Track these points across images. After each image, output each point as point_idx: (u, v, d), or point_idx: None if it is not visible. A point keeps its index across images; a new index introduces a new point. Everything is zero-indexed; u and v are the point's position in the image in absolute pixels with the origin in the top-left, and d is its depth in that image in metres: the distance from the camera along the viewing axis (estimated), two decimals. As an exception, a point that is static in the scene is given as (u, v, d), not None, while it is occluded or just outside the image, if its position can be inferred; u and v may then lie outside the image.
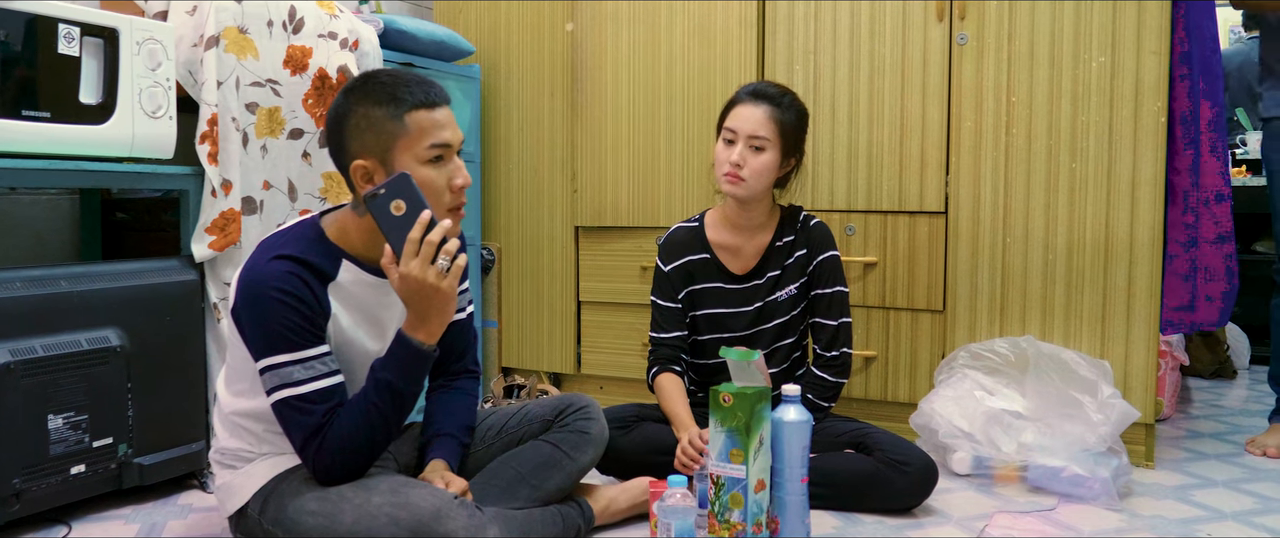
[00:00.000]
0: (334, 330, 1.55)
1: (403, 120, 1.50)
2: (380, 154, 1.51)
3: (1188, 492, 2.13)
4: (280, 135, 2.22)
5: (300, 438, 1.49)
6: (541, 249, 2.96)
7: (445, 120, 1.54)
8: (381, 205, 1.45)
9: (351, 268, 1.57)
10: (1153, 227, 2.24)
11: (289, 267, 1.49)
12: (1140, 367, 2.27)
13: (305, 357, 1.49)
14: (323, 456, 1.49)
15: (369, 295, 1.59)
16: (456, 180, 1.55)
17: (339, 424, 1.49)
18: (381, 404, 1.50)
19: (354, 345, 1.59)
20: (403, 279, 1.46)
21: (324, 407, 1.49)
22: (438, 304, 1.49)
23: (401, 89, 1.51)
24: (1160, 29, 2.20)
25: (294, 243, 1.53)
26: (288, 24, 2.23)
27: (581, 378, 2.95)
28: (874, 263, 2.51)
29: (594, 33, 2.82)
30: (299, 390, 1.47)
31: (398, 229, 1.46)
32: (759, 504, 1.71)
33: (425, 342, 1.51)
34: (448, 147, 1.54)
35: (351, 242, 1.58)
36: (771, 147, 2.07)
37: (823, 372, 2.15)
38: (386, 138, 1.50)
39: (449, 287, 1.48)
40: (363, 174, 1.52)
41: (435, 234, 1.45)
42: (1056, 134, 2.31)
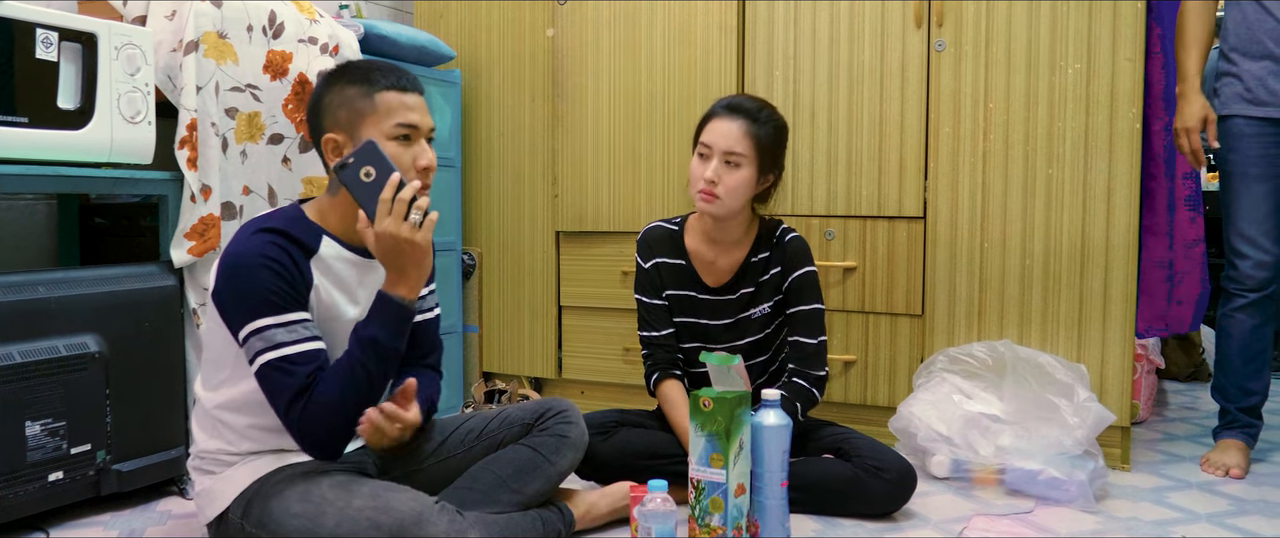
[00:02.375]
0: (315, 302, 1.57)
1: (373, 98, 1.57)
2: (349, 129, 1.58)
3: (1163, 494, 2.16)
4: (260, 140, 2.21)
5: (285, 400, 1.49)
6: (522, 254, 2.96)
7: (414, 104, 1.61)
8: (352, 174, 1.50)
9: (332, 243, 1.60)
10: (1128, 231, 2.26)
11: (272, 238, 1.52)
12: (1116, 370, 2.30)
13: (288, 320, 1.50)
14: (308, 417, 1.49)
15: (348, 272, 1.62)
16: (421, 160, 1.60)
17: (324, 385, 1.49)
18: (366, 361, 1.50)
19: (336, 320, 1.60)
20: (379, 238, 1.50)
21: (308, 368, 1.49)
22: (414, 258, 1.52)
23: (375, 72, 1.60)
24: (1135, 36, 2.23)
25: (274, 220, 1.57)
26: (267, 29, 2.22)
27: (562, 383, 2.95)
28: (853, 268, 2.52)
29: (575, 38, 2.83)
30: (283, 352, 1.48)
31: (369, 194, 1.50)
32: (739, 508, 1.72)
33: (406, 297, 1.53)
34: (414, 128, 1.60)
35: (330, 221, 1.62)
36: (747, 163, 2.00)
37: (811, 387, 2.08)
38: (356, 114, 1.57)
39: (424, 240, 1.51)
40: (333, 147, 1.59)
41: (406, 192, 1.49)
42: (1033, 140, 2.33)
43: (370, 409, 1.51)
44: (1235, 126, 2.30)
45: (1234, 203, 2.32)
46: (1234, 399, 2.40)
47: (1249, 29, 2.26)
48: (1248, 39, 2.27)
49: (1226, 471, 2.30)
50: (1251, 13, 2.26)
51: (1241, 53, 2.28)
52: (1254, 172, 2.28)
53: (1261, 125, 2.26)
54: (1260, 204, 2.28)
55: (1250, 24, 2.26)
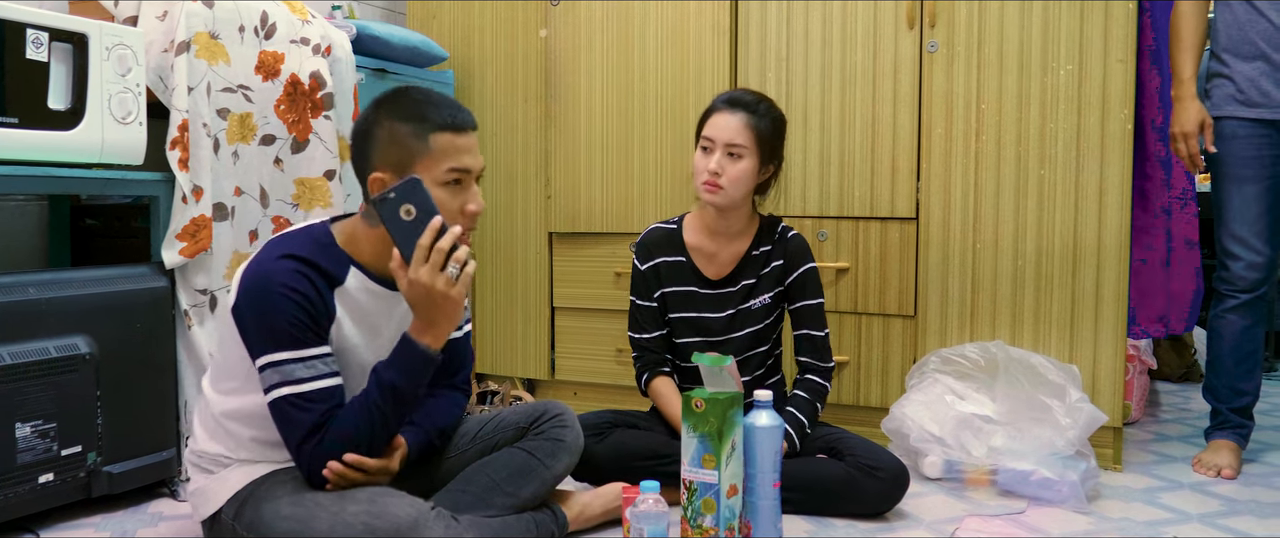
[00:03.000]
0: (336, 335, 1.55)
1: (427, 139, 1.50)
2: (399, 170, 1.51)
3: (1155, 494, 2.16)
4: (252, 141, 2.21)
5: (297, 437, 1.48)
6: (515, 255, 2.96)
7: (468, 146, 1.54)
8: (391, 209, 1.44)
9: (359, 275, 1.57)
10: (1120, 232, 2.27)
11: (297, 266, 1.49)
12: (1108, 371, 2.30)
13: (308, 355, 1.48)
14: (319, 455, 1.48)
15: (373, 305, 1.59)
16: (470, 206, 1.55)
17: (338, 424, 1.49)
18: (382, 405, 1.49)
19: (354, 352, 1.58)
20: (412, 285, 1.46)
21: (323, 406, 1.48)
22: (446, 311, 1.49)
23: (430, 109, 1.52)
24: (1126, 37, 2.24)
25: (303, 245, 1.53)
26: (259, 30, 2.22)
27: (556, 384, 2.95)
28: (846, 268, 2.53)
29: (567, 39, 2.83)
30: (300, 388, 1.47)
31: (407, 234, 1.44)
32: (731, 509, 1.72)
33: (431, 346, 1.51)
34: (467, 172, 1.54)
35: (360, 250, 1.58)
36: (749, 154, 2.07)
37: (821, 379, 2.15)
38: (407, 154, 1.50)
39: (459, 294, 1.47)
40: (379, 187, 1.52)
41: (446, 241, 1.45)
42: (1025, 141, 2.34)
43: (331, 461, 1.48)
44: (1227, 128, 2.30)
45: (1226, 204, 2.33)
46: (1225, 400, 2.40)
47: (1240, 30, 2.27)
48: (1239, 40, 2.27)
49: (1218, 471, 2.30)
50: (1242, 13, 2.26)
51: (1233, 54, 2.29)
52: (1246, 173, 2.28)
53: (1254, 127, 2.26)
54: (1252, 206, 2.28)
55: (1242, 25, 2.26)
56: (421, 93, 1.55)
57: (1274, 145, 2.26)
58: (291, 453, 1.51)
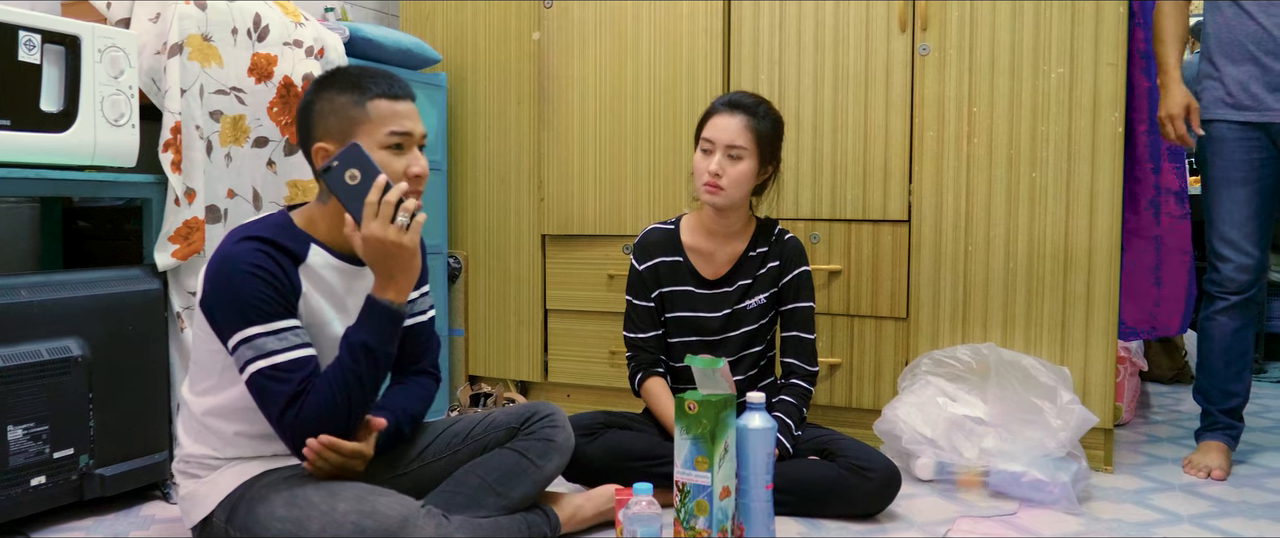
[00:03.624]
0: (304, 309, 1.57)
1: (365, 107, 1.56)
2: (340, 138, 1.56)
3: (1145, 496, 2.17)
4: (245, 144, 2.21)
5: (277, 408, 1.49)
6: (508, 257, 2.96)
7: (407, 112, 1.60)
8: (337, 177, 1.49)
9: (320, 251, 1.60)
10: (1110, 235, 2.28)
11: (258, 245, 1.52)
12: (1099, 373, 2.31)
13: (278, 328, 1.50)
14: (300, 424, 1.49)
15: (338, 280, 1.62)
16: (413, 169, 1.59)
17: (316, 392, 1.49)
18: (356, 367, 1.51)
19: (325, 327, 1.60)
20: (366, 241, 1.50)
21: (300, 375, 1.50)
22: (402, 261, 1.52)
23: (366, 79, 1.58)
24: (1117, 41, 2.25)
25: (262, 227, 1.56)
26: (252, 32, 2.22)
27: (548, 386, 2.95)
28: (839, 271, 2.53)
29: (561, 42, 2.83)
30: (273, 360, 1.48)
31: (355, 197, 1.50)
32: (724, 511, 1.73)
33: (395, 300, 1.54)
34: (407, 135, 1.59)
35: (319, 228, 1.61)
36: (749, 155, 2.10)
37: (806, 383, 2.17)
38: (347, 123, 1.56)
39: (411, 242, 1.51)
40: (323, 156, 1.57)
41: (392, 194, 1.49)
42: (1016, 144, 2.35)
43: (310, 439, 1.50)
44: (1217, 131, 2.32)
45: (1216, 207, 2.34)
46: (1215, 402, 2.41)
47: (1229, 32, 2.28)
48: (1228, 42, 2.28)
49: (1208, 472, 2.31)
50: (1231, 15, 2.28)
51: (1223, 56, 2.30)
52: (1236, 176, 2.30)
53: (1243, 130, 2.28)
54: (1241, 208, 2.30)
55: (1231, 27, 2.28)
56: (359, 67, 1.63)
57: (1263, 149, 2.28)
58: (273, 426, 1.52)
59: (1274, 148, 2.28)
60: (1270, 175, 2.30)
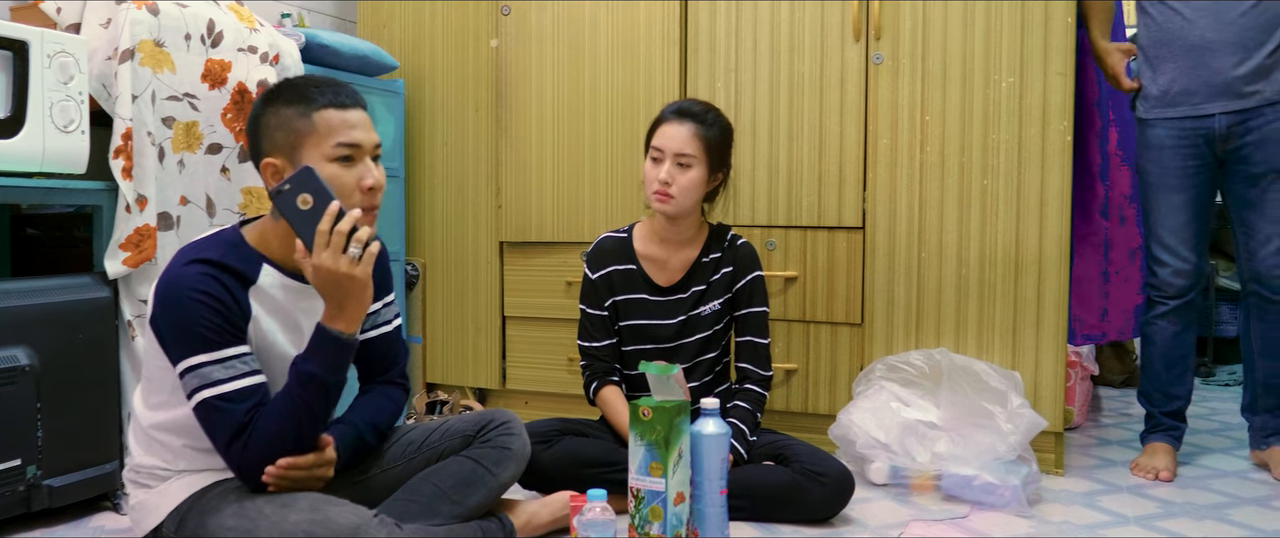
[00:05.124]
0: (254, 333, 1.55)
1: (311, 118, 1.53)
2: (289, 152, 1.53)
3: (1094, 498, 2.21)
4: (198, 150, 2.19)
5: (224, 438, 1.48)
6: (466, 264, 2.95)
7: (357, 121, 1.56)
8: (288, 200, 1.46)
9: (272, 271, 1.57)
10: (1060, 242, 2.32)
11: (207, 269, 1.49)
12: (1049, 377, 2.35)
13: (225, 356, 1.48)
14: (248, 454, 1.48)
15: (289, 299, 1.59)
16: (366, 181, 1.56)
17: (263, 421, 1.48)
18: (305, 397, 1.49)
19: (274, 348, 1.58)
20: (316, 270, 1.47)
21: (246, 405, 1.48)
22: (353, 292, 1.49)
23: (313, 90, 1.55)
24: (1065, 51, 2.29)
25: (213, 248, 1.53)
26: (206, 37, 2.20)
27: (507, 393, 2.95)
28: (794, 277, 2.56)
29: (518, 49, 2.83)
30: (220, 390, 1.46)
31: (306, 222, 1.46)
32: (679, 517, 1.74)
33: (345, 331, 1.51)
34: (357, 146, 1.56)
35: (271, 247, 1.58)
36: (698, 163, 2.11)
37: (760, 388, 2.19)
38: (295, 136, 1.53)
39: (363, 274, 1.48)
40: (273, 172, 1.54)
41: (345, 223, 1.46)
42: (968, 152, 2.38)
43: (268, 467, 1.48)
44: (1154, 137, 2.36)
45: (1153, 212, 2.39)
46: (1158, 404, 2.47)
47: (1161, 33, 2.32)
48: (1160, 43, 2.32)
49: (1156, 474, 2.35)
50: (1158, 15, 2.32)
51: (1156, 57, 2.34)
52: (1172, 182, 2.34)
53: (1180, 135, 2.31)
54: (1178, 214, 2.34)
55: (1162, 29, 2.32)
56: (306, 78, 1.59)
57: (1198, 155, 2.31)
58: (221, 455, 1.50)
59: (1210, 152, 2.31)
60: (1206, 181, 2.34)
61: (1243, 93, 2.25)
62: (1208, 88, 2.27)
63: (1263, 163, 2.28)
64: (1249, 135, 2.27)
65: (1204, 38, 2.25)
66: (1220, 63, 2.25)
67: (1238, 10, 2.22)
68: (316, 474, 1.54)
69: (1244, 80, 2.24)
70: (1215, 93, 2.27)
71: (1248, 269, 2.38)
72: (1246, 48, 2.23)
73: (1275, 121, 2.27)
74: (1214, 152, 2.32)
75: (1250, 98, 2.25)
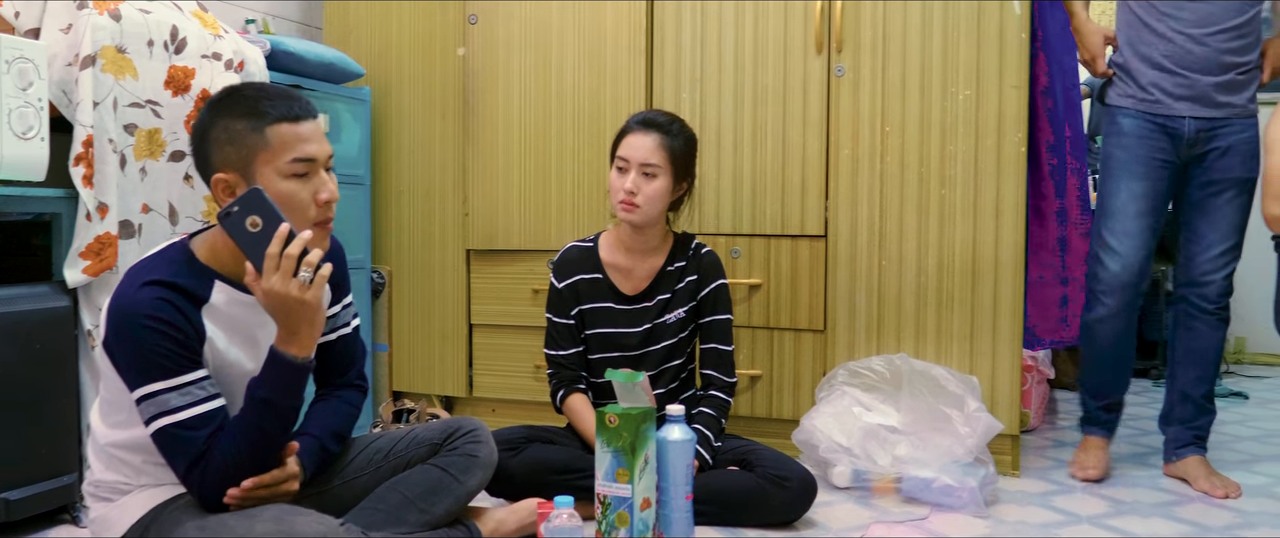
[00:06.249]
0: (210, 353, 1.52)
1: (264, 133, 1.48)
2: (241, 168, 1.49)
3: (1049, 498, 2.27)
4: (160, 157, 2.18)
5: (183, 465, 1.46)
6: (433, 272, 2.95)
7: (310, 134, 1.52)
8: (236, 223, 1.43)
9: (225, 289, 1.54)
10: (1015, 249, 2.38)
11: (160, 292, 1.45)
12: (1006, 381, 2.41)
13: (182, 383, 1.46)
14: (207, 481, 1.47)
15: (244, 315, 1.57)
16: (321, 194, 1.53)
17: (221, 448, 1.47)
18: (261, 422, 1.48)
19: (232, 367, 1.56)
20: (266, 295, 1.45)
21: (205, 432, 1.46)
22: (305, 316, 1.47)
23: (264, 102, 1.49)
24: (1020, 65, 2.35)
25: (163, 268, 1.50)
26: (169, 44, 2.19)
27: (474, 401, 2.95)
28: (758, 285, 2.59)
29: (486, 58, 2.85)
30: (178, 417, 1.45)
31: (256, 245, 1.43)
32: (645, 522, 1.76)
33: (298, 355, 1.49)
34: (312, 161, 1.52)
35: (223, 261, 1.55)
36: (663, 173, 2.14)
37: (724, 394, 2.22)
38: (247, 151, 1.48)
39: (314, 298, 1.46)
40: (224, 188, 1.50)
41: (295, 247, 1.44)
42: (927, 162, 2.43)
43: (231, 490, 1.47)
44: (1125, 124, 2.36)
45: (1109, 201, 2.38)
46: (1097, 397, 2.50)
47: (1139, 34, 2.35)
48: (1139, 42, 2.35)
49: (1084, 472, 2.41)
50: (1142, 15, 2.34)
51: (1134, 55, 2.36)
52: (1137, 170, 2.34)
53: (1150, 125, 2.33)
54: (1136, 203, 2.34)
55: (1140, 29, 2.35)
56: (255, 88, 1.53)
57: (1164, 150, 2.33)
58: (180, 480, 1.49)
59: (1175, 152, 2.34)
60: (1167, 178, 2.35)
61: (1215, 102, 2.30)
62: (1183, 91, 2.30)
63: (1223, 172, 2.33)
64: (1215, 143, 2.32)
65: (1184, 47, 2.28)
66: (1197, 72, 2.29)
67: (1217, 26, 2.26)
68: (281, 490, 1.53)
69: (1217, 90, 2.29)
70: (1188, 97, 2.30)
71: (1184, 274, 2.41)
72: (1222, 62, 2.28)
73: (1243, 134, 2.33)
74: (1179, 152, 2.34)
75: (1222, 108, 2.31)
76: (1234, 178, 2.34)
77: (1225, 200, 2.35)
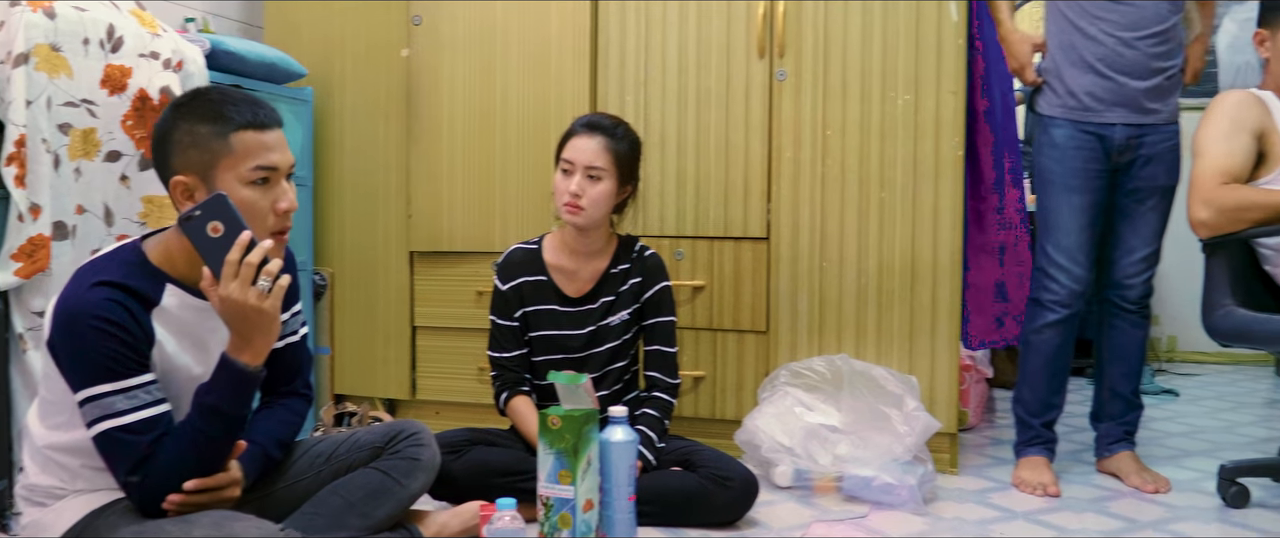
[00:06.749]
0: (158, 357, 1.51)
1: (228, 139, 1.47)
2: (202, 172, 1.48)
3: (986, 495, 2.32)
4: (96, 158, 2.14)
5: (124, 470, 1.44)
6: (376, 274, 2.93)
7: (274, 143, 1.52)
8: (197, 227, 1.42)
9: (176, 292, 1.53)
10: (953, 251, 2.43)
11: (109, 293, 1.44)
12: (944, 380, 2.46)
13: (128, 386, 1.44)
14: (148, 487, 1.45)
15: (195, 320, 1.55)
16: (281, 204, 1.53)
17: (164, 453, 1.45)
18: (208, 430, 1.46)
19: (180, 372, 1.55)
20: (223, 301, 1.44)
21: (148, 437, 1.44)
22: (261, 326, 1.46)
23: (230, 108, 1.49)
24: (957, 70, 2.40)
25: (114, 269, 1.48)
26: (105, 42, 2.15)
27: (417, 404, 2.94)
28: (702, 286, 2.62)
29: (430, 59, 2.83)
30: (122, 421, 1.43)
31: (215, 251, 1.43)
32: (588, 524, 1.77)
33: (250, 363, 1.48)
34: (274, 170, 1.52)
35: (176, 265, 1.54)
36: (608, 176, 2.15)
37: (668, 396, 2.23)
38: (210, 156, 1.47)
39: (272, 307, 1.46)
40: (183, 191, 1.49)
41: (255, 255, 1.43)
42: (867, 165, 2.48)
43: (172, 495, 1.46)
44: (1058, 134, 2.37)
45: (1051, 216, 2.39)
46: (1037, 414, 2.46)
47: (1069, 37, 2.36)
48: (1068, 47, 2.37)
49: (1043, 489, 2.32)
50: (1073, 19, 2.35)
51: (1064, 61, 2.38)
52: (1074, 184, 2.35)
53: (1082, 137, 2.35)
54: (1079, 215, 2.35)
55: (1070, 34, 2.36)
56: (221, 93, 1.53)
57: (1098, 159, 2.35)
58: (120, 485, 1.47)
59: (1107, 160, 2.36)
60: (1103, 188, 2.38)
61: (1144, 108, 2.34)
62: (1113, 97, 2.32)
63: (1148, 180, 2.38)
64: (1141, 150, 2.36)
65: (1115, 51, 2.31)
66: (1126, 76, 2.31)
67: (1145, 30, 2.30)
68: (223, 496, 1.52)
69: (1146, 96, 2.33)
70: (1119, 103, 2.32)
71: (1107, 277, 2.46)
72: (1150, 67, 2.32)
73: (1166, 142, 2.38)
74: (1110, 160, 2.37)
75: (1149, 115, 2.35)
76: (1157, 186, 2.40)
77: (1148, 207, 2.41)
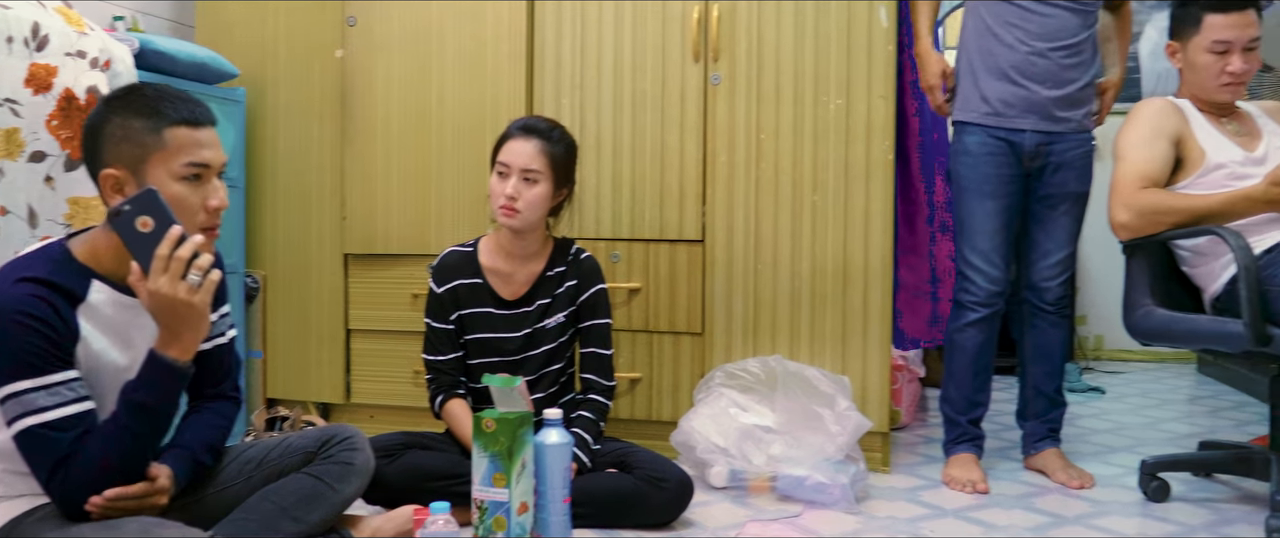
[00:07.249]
0: (83, 354, 1.49)
1: (161, 134, 1.48)
2: (133, 166, 1.48)
3: (917, 493, 2.37)
4: (19, 158, 2.09)
5: (46, 468, 1.42)
6: (309, 277, 2.90)
7: (207, 140, 1.52)
8: (126, 222, 1.42)
9: (103, 288, 1.51)
10: (884, 253, 2.48)
11: (33, 289, 1.42)
12: (876, 380, 2.50)
13: (50, 382, 1.42)
14: (70, 485, 1.43)
15: (122, 316, 1.54)
16: (211, 201, 1.53)
17: (88, 451, 1.43)
18: (134, 426, 1.45)
19: (106, 369, 1.53)
20: (152, 296, 1.43)
21: (71, 434, 1.43)
22: (191, 320, 1.46)
23: (164, 103, 1.49)
24: (887, 76, 2.45)
25: (38, 265, 1.46)
26: (30, 40, 2.10)
27: (352, 408, 2.91)
28: (638, 289, 2.64)
29: (364, 61, 2.81)
30: (44, 418, 1.41)
31: (145, 246, 1.42)
32: (522, 526, 1.77)
33: (179, 359, 1.48)
34: (206, 166, 1.52)
35: (102, 261, 1.52)
36: (544, 179, 2.16)
37: (603, 398, 2.25)
38: (141, 150, 1.47)
39: (202, 302, 1.45)
40: (113, 185, 1.48)
41: (186, 249, 1.43)
42: (800, 169, 2.52)
43: (94, 497, 1.44)
44: (971, 144, 2.42)
45: (967, 220, 2.45)
46: (963, 412, 2.52)
47: (984, 42, 2.41)
48: (985, 50, 2.41)
49: (973, 486, 2.37)
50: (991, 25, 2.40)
51: (980, 65, 2.42)
52: (986, 190, 2.41)
53: (994, 143, 2.39)
54: (992, 220, 2.41)
55: (985, 39, 2.41)
56: (155, 88, 1.53)
57: (1010, 165, 2.41)
58: (41, 485, 1.45)
59: (1019, 165, 2.42)
60: (1017, 192, 2.44)
61: (1054, 116, 2.39)
62: (1025, 104, 2.37)
63: (1059, 187, 2.45)
64: (1052, 157, 2.42)
65: (1028, 59, 2.36)
66: (1037, 84, 2.36)
67: (1058, 41, 2.35)
68: (147, 504, 1.50)
69: (1056, 104, 2.38)
70: (1029, 111, 2.37)
71: (1025, 278, 2.53)
72: (1061, 77, 2.37)
73: (1076, 149, 2.44)
74: (1022, 165, 2.42)
75: (1059, 123, 2.40)
76: (1069, 192, 2.45)
77: (1061, 212, 2.47)
